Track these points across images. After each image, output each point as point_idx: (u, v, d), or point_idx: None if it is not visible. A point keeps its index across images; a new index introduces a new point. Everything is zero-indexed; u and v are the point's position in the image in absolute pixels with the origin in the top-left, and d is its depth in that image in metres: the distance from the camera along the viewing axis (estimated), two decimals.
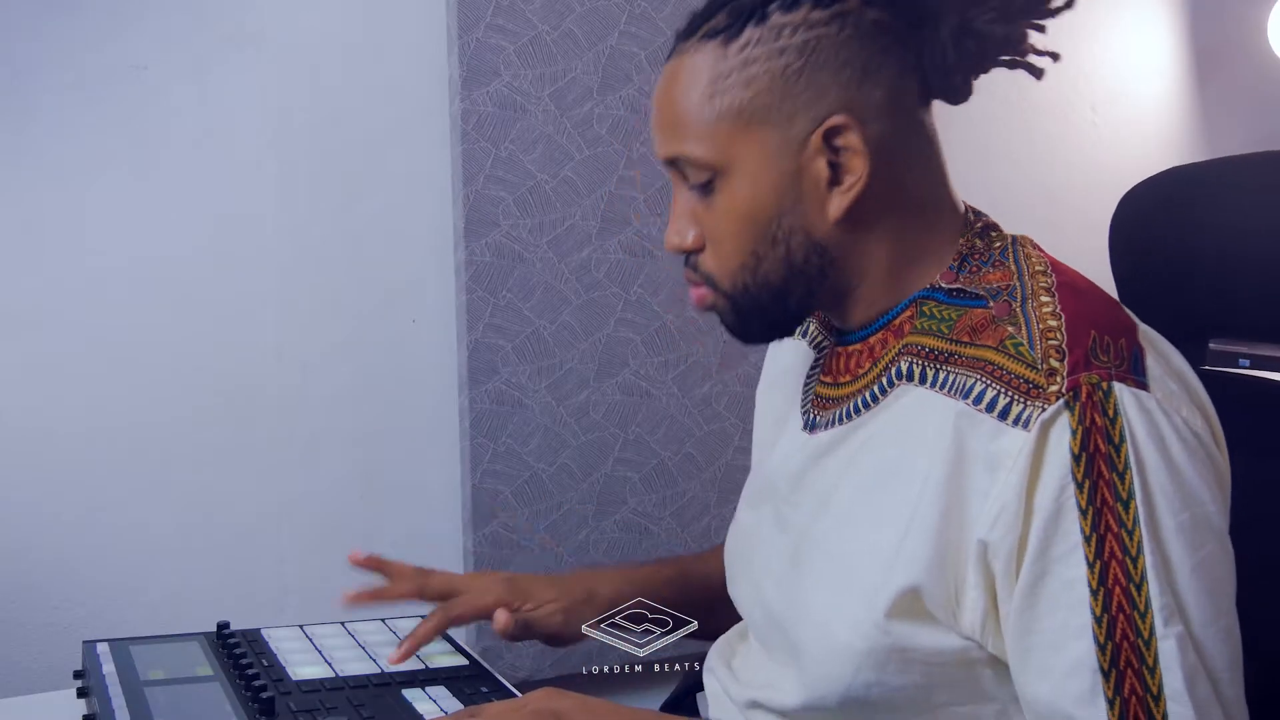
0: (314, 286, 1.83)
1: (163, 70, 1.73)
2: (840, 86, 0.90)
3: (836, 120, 0.90)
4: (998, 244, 0.96)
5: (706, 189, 0.94)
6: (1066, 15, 0.95)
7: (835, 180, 0.92)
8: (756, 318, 0.98)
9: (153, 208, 1.74)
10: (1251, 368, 1.25)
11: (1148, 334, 0.90)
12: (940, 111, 0.97)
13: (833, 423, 0.97)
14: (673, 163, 0.96)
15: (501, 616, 1.18)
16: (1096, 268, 1.19)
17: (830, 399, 0.99)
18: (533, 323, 1.90)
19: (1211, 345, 1.15)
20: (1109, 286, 1.11)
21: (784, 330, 1.02)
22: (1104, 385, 0.83)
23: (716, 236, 0.95)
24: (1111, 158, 2.42)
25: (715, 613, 1.21)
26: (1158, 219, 1.16)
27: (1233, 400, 0.91)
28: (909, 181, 0.94)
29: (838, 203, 0.92)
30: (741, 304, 0.97)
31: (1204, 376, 0.93)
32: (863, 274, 0.96)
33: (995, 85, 0.97)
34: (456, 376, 1.89)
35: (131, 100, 1.71)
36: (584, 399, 1.94)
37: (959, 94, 0.95)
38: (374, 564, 1.22)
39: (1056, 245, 0.98)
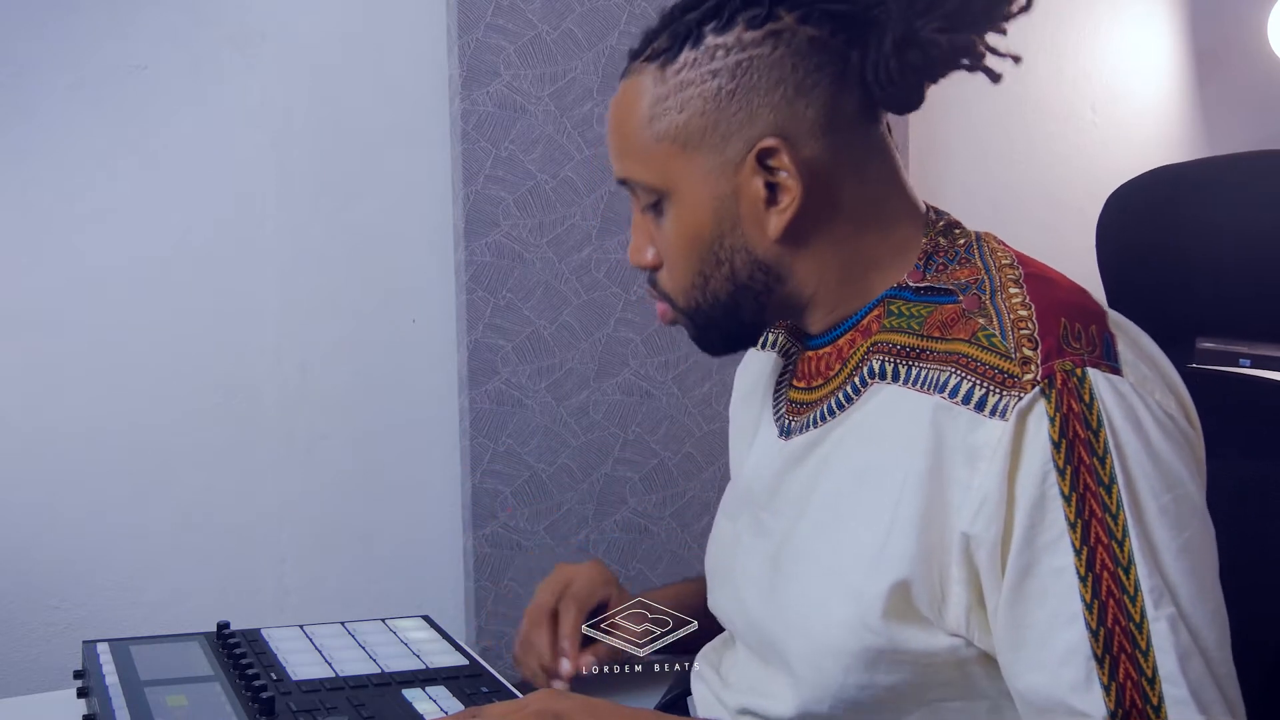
0: (314, 286, 1.83)
1: (163, 70, 1.73)
2: (772, 108, 0.91)
3: (767, 143, 0.91)
4: (961, 240, 0.96)
5: (656, 210, 0.97)
6: (1067, 15, 0.95)
7: (773, 200, 0.93)
8: (714, 332, 1.01)
9: (152, 208, 1.74)
10: (1251, 367, 1.25)
11: (1117, 320, 0.91)
12: (941, 112, 0.96)
13: (807, 426, 0.98)
14: (624, 183, 0.98)
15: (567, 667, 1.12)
16: (1096, 267, 1.19)
17: (803, 403, 1.00)
18: (533, 323, 1.90)
19: (1200, 344, 1.16)
20: (1096, 286, 1.10)
21: (743, 342, 1.05)
22: (1078, 371, 0.84)
23: (668, 257, 0.98)
24: (1111, 158, 2.41)
25: None
26: (1143, 219, 1.16)
27: (1226, 399, 0.91)
28: (851, 195, 0.94)
29: (775, 222, 0.93)
30: (697, 320, 1.00)
31: (1197, 375, 0.93)
32: (813, 285, 0.96)
33: (996, 85, 0.96)
34: (456, 376, 1.89)
35: (131, 100, 1.71)
36: (584, 399, 1.94)
37: (906, 104, 0.94)
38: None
39: (1056, 245, 0.98)
